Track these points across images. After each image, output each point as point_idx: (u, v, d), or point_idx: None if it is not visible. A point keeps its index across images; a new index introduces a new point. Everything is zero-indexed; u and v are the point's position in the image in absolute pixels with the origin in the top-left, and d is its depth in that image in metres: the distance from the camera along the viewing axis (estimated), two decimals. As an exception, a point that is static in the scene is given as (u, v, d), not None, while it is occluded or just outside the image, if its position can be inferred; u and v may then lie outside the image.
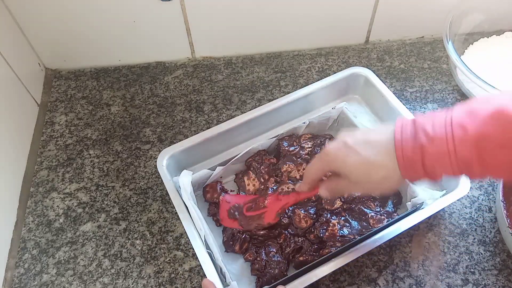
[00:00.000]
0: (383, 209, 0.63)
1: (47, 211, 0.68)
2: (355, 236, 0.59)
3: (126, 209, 0.67)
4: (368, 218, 0.61)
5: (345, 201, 0.63)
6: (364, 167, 0.45)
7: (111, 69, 0.85)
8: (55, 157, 0.73)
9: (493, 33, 0.83)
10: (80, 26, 0.77)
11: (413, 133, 0.42)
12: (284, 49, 0.86)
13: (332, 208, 0.62)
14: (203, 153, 0.69)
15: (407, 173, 0.43)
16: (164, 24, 0.78)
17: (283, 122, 0.73)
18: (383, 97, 0.70)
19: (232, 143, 0.70)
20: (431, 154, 0.41)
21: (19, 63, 0.74)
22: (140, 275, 0.61)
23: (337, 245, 0.58)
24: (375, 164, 0.44)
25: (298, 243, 0.60)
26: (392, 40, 0.88)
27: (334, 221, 0.60)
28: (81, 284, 0.61)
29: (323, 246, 0.59)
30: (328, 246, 0.59)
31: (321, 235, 0.59)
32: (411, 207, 0.61)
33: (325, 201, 0.62)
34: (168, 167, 0.64)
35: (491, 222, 0.64)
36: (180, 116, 0.78)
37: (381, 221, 0.60)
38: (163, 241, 0.64)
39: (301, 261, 0.59)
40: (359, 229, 0.61)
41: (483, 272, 0.60)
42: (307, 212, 0.61)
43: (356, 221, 0.61)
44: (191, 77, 0.83)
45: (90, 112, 0.79)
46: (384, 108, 0.71)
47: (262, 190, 0.65)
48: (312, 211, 0.62)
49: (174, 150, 0.65)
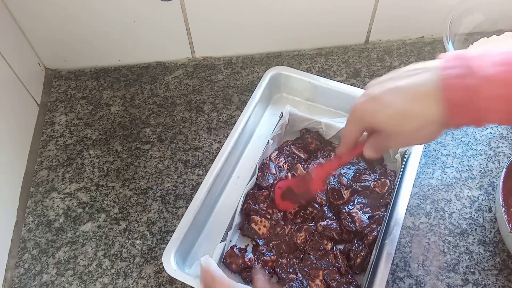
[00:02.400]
0: (377, 174, 0.65)
1: (47, 211, 0.68)
2: (379, 211, 0.61)
3: (126, 209, 0.67)
4: (373, 189, 0.63)
5: (347, 186, 0.64)
6: (398, 118, 0.41)
7: (111, 69, 0.85)
8: (55, 157, 0.73)
9: (493, 33, 0.83)
10: (80, 26, 0.77)
11: (464, 71, 0.37)
12: (284, 49, 0.86)
13: (344, 201, 0.62)
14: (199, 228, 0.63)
15: (454, 119, 0.38)
16: (164, 24, 0.78)
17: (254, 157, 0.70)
18: (309, 82, 0.72)
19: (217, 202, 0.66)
20: (487, 97, 0.36)
21: (19, 63, 0.74)
22: (140, 275, 0.61)
23: (373, 227, 0.59)
24: (409, 114, 0.40)
25: (344, 251, 0.60)
26: (392, 40, 0.88)
27: (353, 210, 0.61)
28: (81, 284, 0.61)
29: (363, 236, 0.59)
30: (369, 233, 0.59)
31: (353, 228, 0.60)
32: (400, 158, 0.64)
33: (333, 197, 0.63)
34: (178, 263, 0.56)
35: (491, 222, 0.64)
36: (180, 116, 0.78)
37: (385, 184, 0.62)
38: (163, 241, 0.64)
39: (361, 262, 0.57)
40: (373, 204, 0.62)
41: (483, 272, 0.60)
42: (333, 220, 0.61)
43: (366, 198, 0.62)
44: (191, 77, 0.83)
45: (90, 112, 0.79)
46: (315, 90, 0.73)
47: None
48: (332, 215, 0.62)
49: (175, 247, 0.57)
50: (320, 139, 0.71)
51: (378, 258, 0.55)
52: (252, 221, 0.62)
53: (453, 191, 0.67)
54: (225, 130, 0.75)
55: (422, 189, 0.67)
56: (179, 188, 0.69)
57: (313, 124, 0.71)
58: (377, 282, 0.52)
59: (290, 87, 0.76)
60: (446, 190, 0.67)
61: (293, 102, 0.76)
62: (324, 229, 0.60)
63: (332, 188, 0.64)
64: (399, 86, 0.41)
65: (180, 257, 0.57)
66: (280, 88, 0.76)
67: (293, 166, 0.67)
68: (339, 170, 0.65)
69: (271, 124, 0.73)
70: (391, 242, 0.55)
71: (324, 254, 0.59)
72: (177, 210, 0.67)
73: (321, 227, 0.60)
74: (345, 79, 0.81)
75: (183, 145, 0.74)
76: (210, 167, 0.64)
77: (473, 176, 0.68)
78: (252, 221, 0.62)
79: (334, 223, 0.61)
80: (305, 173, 0.64)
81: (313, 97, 0.75)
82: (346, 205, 0.62)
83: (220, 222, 0.63)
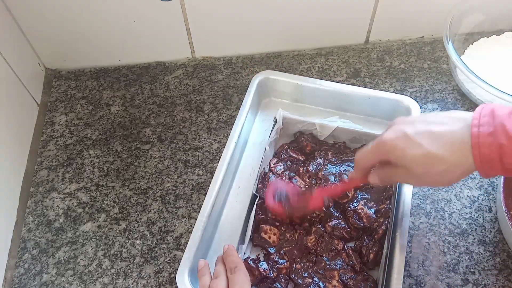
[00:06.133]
0: None
1: (47, 211, 0.68)
2: (384, 205, 0.61)
3: (126, 209, 0.67)
4: None
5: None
6: (426, 160, 0.43)
7: (111, 69, 0.85)
8: (55, 157, 0.73)
9: (493, 33, 0.83)
10: (80, 26, 0.77)
11: (492, 129, 0.40)
12: (284, 49, 0.86)
13: (349, 199, 0.62)
14: (206, 243, 0.62)
15: (483, 170, 0.42)
16: (164, 24, 0.78)
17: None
18: (297, 84, 0.72)
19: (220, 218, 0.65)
20: (511, 153, 0.40)
21: (19, 63, 0.74)
22: (140, 275, 0.61)
23: (380, 221, 0.59)
24: (438, 158, 0.42)
25: (356, 248, 0.59)
26: (392, 40, 0.87)
27: (358, 206, 0.61)
28: (81, 284, 0.61)
29: (372, 231, 0.59)
30: (378, 228, 0.59)
31: (362, 225, 0.60)
32: None
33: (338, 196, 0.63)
34: (192, 282, 0.55)
35: (491, 222, 0.64)
36: (180, 116, 0.78)
37: None
38: (163, 241, 0.64)
39: (374, 258, 0.58)
40: (377, 198, 0.62)
41: (483, 272, 0.60)
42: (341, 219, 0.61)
43: (368, 193, 0.63)
44: (191, 77, 0.83)
45: (90, 112, 0.79)
46: (303, 91, 0.73)
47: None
48: (338, 214, 0.62)
49: (187, 267, 0.55)
50: (315, 140, 0.71)
51: (391, 251, 0.55)
52: (262, 231, 0.61)
53: (453, 191, 0.67)
54: (225, 130, 0.75)
55: (422, 188, 0.67)
56: (179, 188, 0.69)
57: (307, 126, 0.70)
58: (395, 275, 0.53)
59: (278, 90, 0.75)
60: (446, 190, 0.67)
61: (282, 105, 0.75)
62: (333, 229, 0.60)
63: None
64: (434, 131, 0.43)
65: (193, 275, 0.56)
66: (268, 92, 0.76)
67: (293, 170, 0.67)
68: (339, 168, 0.65)
69: (264, 130, 0.73)
70: (402, 234, 0.55)
71: (337, 254, 0.59)
72: (177, 210, 0.67)
73: (330, 228, 0.60)
74: (345, 79, 0.81)
75: (183, 145, 0.74)
76: (211, 178, 0.62)
77: (473, 176, 0.68)
78: (261, 231, 0.61)
79: (342, 222, 0.61)
80: (306, 189, 0.63)
81: (302, 98, 0.75)
82: (351, 203, 0.62)
83: (227, 235, 0.62)
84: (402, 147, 0.44)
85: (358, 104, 0.72)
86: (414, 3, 0.80)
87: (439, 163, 0.43)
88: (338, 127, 0.69)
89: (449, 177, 0.44)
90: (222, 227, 0.64)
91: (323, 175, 0.64)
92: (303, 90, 0.73)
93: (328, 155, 0.67)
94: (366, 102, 0.71)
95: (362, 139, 0.70)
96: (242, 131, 0.68)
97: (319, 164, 0.66)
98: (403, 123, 0.46)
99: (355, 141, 0.71)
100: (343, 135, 0.70)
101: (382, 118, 0.73)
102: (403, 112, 0.69)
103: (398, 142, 0.45)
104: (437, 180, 0.45)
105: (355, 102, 0.72)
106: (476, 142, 0.41)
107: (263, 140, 0.71)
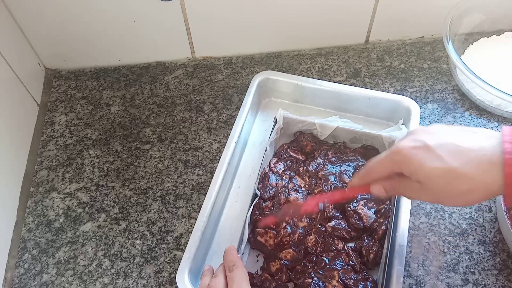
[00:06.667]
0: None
1: (47, 211, 0.68)
2: (384, 205, 0.61)
3: (126, 209, 0.67)
4: None
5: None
6: (447, 176, 0.38)
7: (111, 69, 0.85)
8: (55, 157, 0.73)
9: (493, 33, 0.83)
10: (80, 26, 0.77)
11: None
12: (284, 49, 0.86)
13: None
14: (207, 243, 0.62)
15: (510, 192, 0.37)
16: (164, 24, 0.78)
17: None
18: (297, 85, 0.72)
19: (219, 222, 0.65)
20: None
21: (19, 63, 0.74)
22: (140, 275, 0.61)
23: (380, 221, 0.59)
24: (461, 175, 0.37)
25: (355, 248, 0.59)
26: (392, 40, 0.88)
27: (358, 206, 0.61)
28: (81, 284, 0.61)
29: (372, 231, 0.59)
30: (378, 228, 0.59)
31: (362, 225, 0.60)
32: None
33: None
34: (192, 282, 0.55)
35: (491, 222, 0.64)
36: (180, 116, 0.78)
37: None
38: (163, 241, 0.64)
39: (374, 258, 0.57)
40: (376, 198, 0.61)
41: (483, 272, 0.60)
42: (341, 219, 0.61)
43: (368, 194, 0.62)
44: (191, 77, 0.83)
45: (90, 112, 0.79)
46: (303, 91, 0.73)
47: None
48: (338, 214, 0.62)
49: (187, 267, 0.56)
50: (315, 140, 0.71)
51: (391, 251, 0.55)
52: (257, 234, 0.61)
53: (453, 191, 0.67)
54: (225, 130, 0.75)
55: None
56: (179, 188, 0.69)
57: (307, 126, 0.71)
58: (394, 276, 0.53)
59: (278, 91, 0.75)
60: (446, 190, 0.67)
61: (282, 105, 0.75)
62: (333, 230, 0.60)
63: (335, 187, 0.64)
64: (459, 144, 0.39)
65: (193, 275, 0.56)
66: (268, 92, 0.76)
67: (293, 169, 0.67)
68: (339, 168, 0.65)
69: (264, 130, 0.73)
70: (402, 234, 0.55)
71: (337, 254, 0.58)
72: (177, 210, 0.67)
73: (330, 228, 0.60)
74: (345, 79, 0.81)
75: (183, 145, 0.74)
76: (211, 178, 0.62)
77: (473, 176, 0.68)
78: (257, 234, 0.61)
79: (342, 222, 0.61)
80: (291, 204, 0.61)
81: (302, 98, 0.75)
82: (351, 203, 0.62)
83: (227, 235, 0.62)
84: (420, 159, 0.39)
85: (358, 104, 0.72)
86: (414, 3, 0.80)
87: (462, 182, 0.38)
88: (338, 127, 0.69)
89: (470, 198, 0.39)
90: (222, 227, 0.64)
91: (323, 175, 0.64)
92: (303, 91, 0.73)
93: (328, 154, 0.67)
94: (366, 103, 0.71)
95: (362, 139, 0.70)
96: (242, 131, 0.68)
97: (319, 164, 0.66)
98: (423, 133, 0.41)
99: (355, 141, 0.71)
100: (343, 135, 0.70)
101: (382, 119, 0.73)
102: (403, 112, 0.69)
103: (416, 152, 0.40)
104: (456, 200, 0.40)
105: (355, 103, 0.72)
106: (510, 159, 0.36)
107: (263, 140, 0.71)
